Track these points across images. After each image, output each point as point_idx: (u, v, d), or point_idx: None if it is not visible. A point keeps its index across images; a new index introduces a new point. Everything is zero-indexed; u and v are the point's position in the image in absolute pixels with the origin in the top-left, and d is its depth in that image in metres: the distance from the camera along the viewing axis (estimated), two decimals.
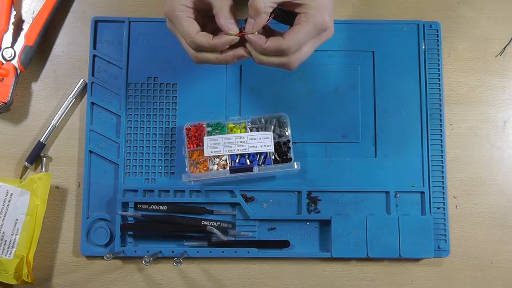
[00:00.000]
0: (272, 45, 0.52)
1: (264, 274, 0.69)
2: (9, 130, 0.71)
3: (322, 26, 0.53)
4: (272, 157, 0.66)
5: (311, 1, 0.52)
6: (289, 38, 0.51)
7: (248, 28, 0.52)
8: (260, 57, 0.54)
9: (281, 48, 0.52)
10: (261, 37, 0.52)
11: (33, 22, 0.69)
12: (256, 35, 0.52)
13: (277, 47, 0.52)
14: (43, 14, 0.69)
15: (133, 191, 0.69)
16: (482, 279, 0.70)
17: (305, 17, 0.52)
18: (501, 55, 0.74)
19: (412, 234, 0.67)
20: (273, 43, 0.52)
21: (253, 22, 0.52)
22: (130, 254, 0.68)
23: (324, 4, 0.52)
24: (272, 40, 0.52)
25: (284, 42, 0.51)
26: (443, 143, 0.70)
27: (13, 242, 0.66)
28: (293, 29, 0.52)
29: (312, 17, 0.52)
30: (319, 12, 0.52)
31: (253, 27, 0.52)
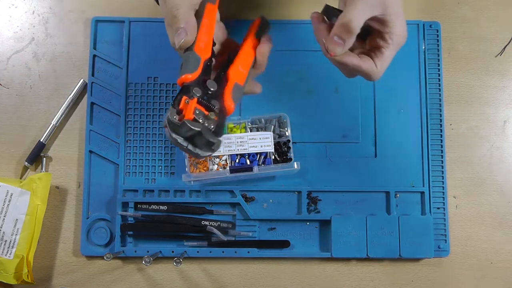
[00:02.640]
0: (365, 69, 0.51)
1: (264, 274, 0.69)
2: (9, 130, 0.71)
3: (404, 41, 0.52)
4: (272, 157, 0.66)
5: (396, 18, 0.50)
6: (381, 65, 0.51)
7: (338, 51, 0.49)
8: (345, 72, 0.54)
9: (372, 74, 0.51)
10: (355, 57, 0.51)
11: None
12: (350, 55, 0.51)
13: (368, 72, 0.51)
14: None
15: (133, 191, 0.69)
16: (482, 279, 0.70)
17: (390, 38, 0.50)
18: (501, 55, 0.74)
19: (412, 234, 0.67)
20: (366, 68, 0.51)
21: (341, 42, 0.48)
22: (130, 254, 0.68)
23: (402, 16, 0.51)
24: (366, 63, 0.51)
25: (375, 70, 0.51)
26: (443, 143, 0.70)
27: (13, 242, 0.66)
28: (383, 54, 0.51)
29: (397, 37, 0.51)
30: (402, 28, 0.51)
31: (343, 48, 0.49)
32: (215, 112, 0.48)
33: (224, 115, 0.49)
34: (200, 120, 0.46)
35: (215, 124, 0.47)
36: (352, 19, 0.47)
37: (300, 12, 0.73)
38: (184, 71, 0.48)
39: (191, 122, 0.45)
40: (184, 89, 0.48)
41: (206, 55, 0.50)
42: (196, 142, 0.47)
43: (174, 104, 0.47)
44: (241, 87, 0.50)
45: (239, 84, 0.50)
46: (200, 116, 0.46)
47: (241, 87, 0.50)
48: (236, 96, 0.50)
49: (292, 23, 0.72)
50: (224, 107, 0.49)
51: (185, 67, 0.48)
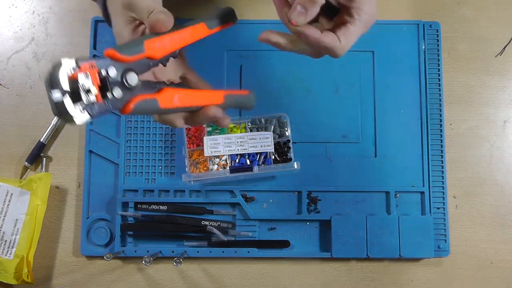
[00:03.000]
0: (327, 43, 0.47)
1: (264, 274, 0.69)
2: (9, 130, 0.71)
3: (373, 21, 0.49)
4: (272, 157, 0.66)
5: None
6: (345, 40, 0.48)
7: (300, 20, 0.46)
8: (301, 47, 0.49)
9: (335, 49, 0.48)
10: (317, 31, 0.47)
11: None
12: (312, 28, 0.46)
13: (331, 47, 0.47)
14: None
15: (133, 191, 0.69)
16: (482, 279, 0.70)
17: (357, 13, 0.47)
18: (501, 55, 0.74)
19: (412, 234, 0.67)
20: (329, 42, 0.47)
21: (304, 11, 0.45)
22: (130, 254, 0.68)
23: (376, 1, 0.48)
24: (328, 37, 0.47)
25: (338, 45, 0.47)
26: (443, 143, 0.70)
27: (13, 242, 0.66)
28: (348, 30, 0.48)
29: (365, 14, 0.48)
30: (371, 7, 0.48)
31: (305, 18, 0.46)
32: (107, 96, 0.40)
33: (114, 108, 0.41)
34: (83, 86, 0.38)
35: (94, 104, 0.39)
36: None
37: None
38: (121, 48, 0.42)
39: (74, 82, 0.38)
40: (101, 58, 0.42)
41: (154, 54, 0.45)
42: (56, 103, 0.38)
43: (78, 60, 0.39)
44: (156, 105, 0.44)
45: (157, 103, 0.44)
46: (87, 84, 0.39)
47: (157, 106, 0.44)
48: (143, 107, 0.43)
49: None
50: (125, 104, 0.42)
51: (124, 46, 0.43)
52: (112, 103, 0.40)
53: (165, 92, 0.45)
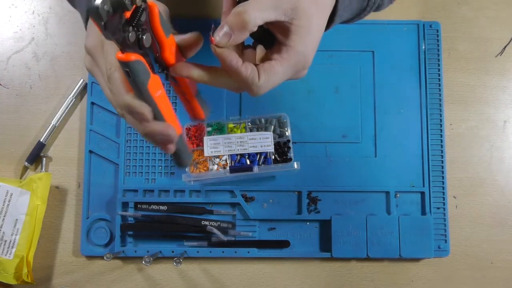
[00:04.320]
0: (243, 76, 0.41)
1: (264, 274, 0.69)
2: (9, 130, 0.71)
3: (305, 64, 0.43)
4: (272, 157, 0.66)
5: (304, 33, 0.42)
6: (265, 78, 0.42)
7: (222, 41, 0.40)
8: (219, 80, 0.43)
9: (251, 86, 0.42)
10: (237, 59, 0.41)
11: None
12: (232, 53, 0.41)
13: (248, 82, 0.42)
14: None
15: (133, 191, 0.69)
16: (482, 279, 0.70)
17: (286, 51, 0.42)
18: (501, 55, 0.74)
19: (412, 234, 0.67)
20: (245, 75, 0.41)
21: (230, 33, 0.40)
22: (130, 254, 0.68)
23: (315, 36, 0.43)
24: (247, 69, 0.41)
25: (256, 82, 0.42)
26: (443, 143, 0.70)
27: (13, 242, 0.66)
28: (272, 67, 0.42)
29: (296, 54, 0.42)
30: (306, 48, 0.42)
31: (229, 41, 0.40)
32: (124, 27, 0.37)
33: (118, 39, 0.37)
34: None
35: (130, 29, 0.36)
36: (249, 12, 0.39)
37: None
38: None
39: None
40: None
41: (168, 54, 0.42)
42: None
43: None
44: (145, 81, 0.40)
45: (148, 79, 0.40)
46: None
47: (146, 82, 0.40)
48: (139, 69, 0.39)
49: None
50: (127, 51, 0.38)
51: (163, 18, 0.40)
52: (122, 38, 0.37)
53: (156, 77, 0.41)
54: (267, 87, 0.43)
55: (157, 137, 0.42)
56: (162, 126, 0.41)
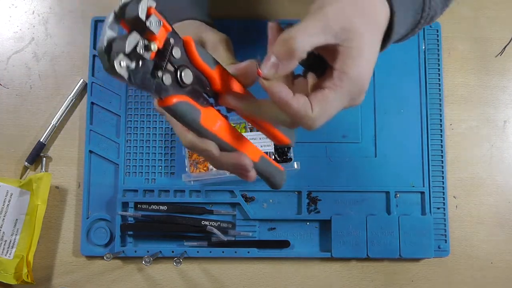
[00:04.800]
0: (295, 109, 0.37)
1: (264, 274, 0.69)
2: (9, 130, 0.71)
3: (362, 89, 0.39)
4: (272, 157, 0.66)
5: (357, 55, 0.37)
6: (319, 110, 0.38)
7: (270, 73, 0.37)
8: (270, 113, 0.40)
9: (305, 120, 0.38)
10: (287, 91, 0.37)
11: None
12: (282, 86, 0.37)
13: (300, 115, 0.37)
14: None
15: (133, 191, 0.69)
16: (482, 279, 0.70)
17: (340, 78, 0.37)
18: (501, 55, 0.74)
19: (412, 234, 0.67)
20: (297, 108, 0.37)
21: (277, 63, 0.37)
22: (130, 254, 0.68)
23: (370, 57, 0.38)
24: (299, 101, 0.37)
25: (309, 114, 0.38)
26: (443, 143, 0.70)
27: (13, 242, 0.66)
28: (325, 97, 0.38)
29: (350, 81, 0.37)
30: (361, 72, 0.38)
31: (277, 71, 0.37)
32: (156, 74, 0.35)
33: (154, 91, 0.35)
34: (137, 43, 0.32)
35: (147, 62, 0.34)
36: (296, 38, 0.36)
37: (300, 12, 0.73)
38: (198, 46, 0.38)
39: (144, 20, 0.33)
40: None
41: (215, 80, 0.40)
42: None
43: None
44: (196, 117, 0.38)
45: (199, 115, 0.38)
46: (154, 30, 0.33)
47: (197, 118, 0.38)
48: (184, 109, 0.37)
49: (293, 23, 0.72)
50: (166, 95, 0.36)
51: (202, 48, 0.38)
52: (156, 84, 0.35)
53: (210, 110, 0.39)
54: (322, 119, 0.39)
55: (231, 169, 0.41)
56: (233, 157, 0.40)
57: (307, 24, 0.37)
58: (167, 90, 0.36)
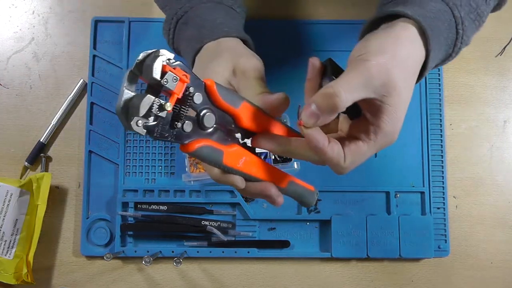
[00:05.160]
0: (329, 158, 0.39)
1: (264, 274, 0.69)
2: (9, 130, 0.71)
3: (390, 143, 0.41)
4: (272, 157, 0.66)
5: (393, 111, 0.39)
6: (350, 160, 0.40)
7: (310, 122, 0.38)
8: (302, 154, 0.42)
9: (336, 168, 0.40)
10: (324, 138, 0.39)
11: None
12: (319, 133, 0.39)
13: (332, 162, 0.40)
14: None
15: (133, 191, 0.69)
16: (482, 279, 0.70)
17: (375, 133, 0.40)
18: (501, 55, 0.74)
19: (412, 234, 0.67)
20: (331, 157, 0.39)
21: (318, 114, 0.37)
22: (130, 254, 0.68)
23: (402, 113, 0.40)
24: (334, 150, 0.39)
25: (341, 164, 0.40)
26: (443, 143, 0.70)
27: (13, 242, 0.66)
28: (359, 149, 0.40)
29: (384, 136, 0.40)
30: (394, 128, 0.40)
31: (316, 122, 0.38)
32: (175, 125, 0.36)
33: (175, 138, 0.37)
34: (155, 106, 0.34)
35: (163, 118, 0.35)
36: (340, 94, 0.36)
37: (301, 12, 0.73)
38: (220, 88, 0.39)
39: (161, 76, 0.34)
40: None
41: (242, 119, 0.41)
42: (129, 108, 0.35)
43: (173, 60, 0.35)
44: (219, 158, 0.40)
45: (222, 156, 0.39)
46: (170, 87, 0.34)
47: (220, 159, 0.40)
48: (206, 153, 0.39)
49: (293, 23, 0.72)
50: (189, 141, 0.38)
51: (224, 88, 0.39)
52: (177, 133, 0.36)
53: (233, 148, 0.41)
54: (352, 168, 0.41)
55: (258, 197, 0.43)
56: (259, 188, 0.42)
57: (350, 80, 0.37)
58: (189, 136, 0.38)
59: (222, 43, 0.48)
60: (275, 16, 0.73)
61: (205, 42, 0.48)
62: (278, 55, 0.71)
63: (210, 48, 0.48)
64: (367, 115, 0.40)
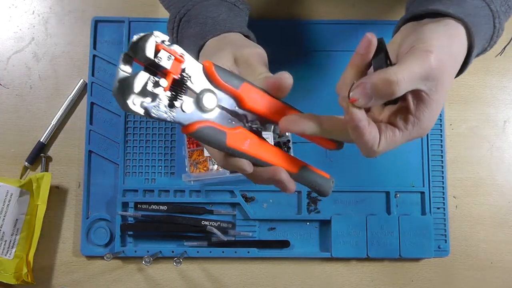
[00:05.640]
0: (365, 140, 0.39)
1: (264, 274, 0.69)
2: (9, 130, 0.71)
3: (423, 135, 0.42)
4: None
5: (434, 105, 0.39)
6: (384, 146, 0.40)
7: (361, 101, 0.37)
8: (335, 133, 0.42)
9: (368, 151, 0.40)
10: (365, 119, 0.38)
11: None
12: (362, 113, 0.38)
13: (367, 146, 0.39)
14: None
15: (133, 191, 0.69)
16: (482, 279, 0.70)
17: (413, 124, 0.40)
18: (501, 55, 0.74)
19: (412, 234, 0.67)
20: (367, 139, 0.39)
21: (370, 96, 0.37)
22: (130, 254, 0.68)
23: (440, 108, 0.41)
24: (371, 133, 0.39)
25: (375, 147, 0.40)
26: (443, 143, 0.70)
27: (13, 242, 0.66)
28: (394, 137, 0.40)
29: (420, 129, 0.40)
30: (430, 122, 0.40)
31: (368, 103, 0.37)
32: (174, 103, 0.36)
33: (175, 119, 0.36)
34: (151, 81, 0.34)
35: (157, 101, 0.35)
36: (401, 83, 0.36)
37: (300, 12, 0.73)
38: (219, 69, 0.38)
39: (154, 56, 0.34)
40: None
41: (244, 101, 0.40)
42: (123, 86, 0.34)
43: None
44: (222, 139, 0.38)
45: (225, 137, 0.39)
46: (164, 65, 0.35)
47: (223, 140, 0.39)
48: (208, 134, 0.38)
49: (292, 23, 0.72)
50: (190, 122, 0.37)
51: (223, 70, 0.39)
52: (177, 114, 0.36)
53: (238, 131, 0.39)
54: (381, 152, 0.41)
55: (268, 183, 0.41)
56: (269, 172, 0.41)
57: (412, 70, 0.37)
58: (189, 118, 0.37)
59: (225, 38, 0.48)
60: (276, 15, 0.73)
61: (208, 38, 0.48)
62: (279, 55, 0.71)
63: (212, 43, 0.48)
64: (410, 105, 0.40)
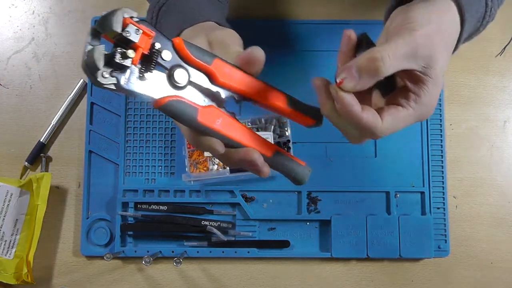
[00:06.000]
0: (365, 122, 0.38)
1: (264, 274, 0.69)
2: (9, 130, 0.71)
3: (428, 116, 0.41)
4: None
5: (434, 84, 0.39)
6: (390, 122, 0.39)
7: (348, 84, 0.37)
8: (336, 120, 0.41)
9: (374, 130, 0.39)
10: (358, 105, 0.38)
11: None
12: (353, 98, 0.37)
13: (369, 126, 0.39)
14: None
15: (133, 191, 0.69)
16: (482, 279, 0.70)
17: (415, 102, 0.40)
18: (501, 55, 0.74)
19: (412, 234, 0.67)
20: (367, 120, 0.38)
21: (357, 78, 0.37)
22: (130, 254, 0.68)
23: (440, 86, 0.40)
24: (368, 114, 0.38)
25: (379, 125, 0.39)
26: (443, 143, 0.70)
27: (13, 242, 0.66)
28: (398, 113, 0.40)
29: (423, 106, 0.40)
30: (433, 100, 0.40)
31: (354, 85, 0.37)
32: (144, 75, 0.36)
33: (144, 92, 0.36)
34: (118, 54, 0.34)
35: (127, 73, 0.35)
36: (385, 58, 0.36)
37: (300, 12, 0.73)
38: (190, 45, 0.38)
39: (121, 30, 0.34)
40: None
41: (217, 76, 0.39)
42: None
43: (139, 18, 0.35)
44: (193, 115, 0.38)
45: (196, 113, 0.38)
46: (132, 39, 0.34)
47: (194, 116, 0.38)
48: (178, 108, 0.37)
49: (292, 23, 0.72)
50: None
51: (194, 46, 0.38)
52: (148, 88, 0.36)
53: (210, 108, 0.39)
54: (389, 131, 0.40)
55: (239, 165, 0.40)
56: (240, 153, 0.39)
57: (396, 47, 0.37)
58: (160, 92, 0.37)
59: (199, 26, 0.47)
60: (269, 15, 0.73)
61: (184, 28, 0.47)
62: (272, 55, 0.71)
63: (188, 32, 0.47)
64: (407, 84, 0.40)
